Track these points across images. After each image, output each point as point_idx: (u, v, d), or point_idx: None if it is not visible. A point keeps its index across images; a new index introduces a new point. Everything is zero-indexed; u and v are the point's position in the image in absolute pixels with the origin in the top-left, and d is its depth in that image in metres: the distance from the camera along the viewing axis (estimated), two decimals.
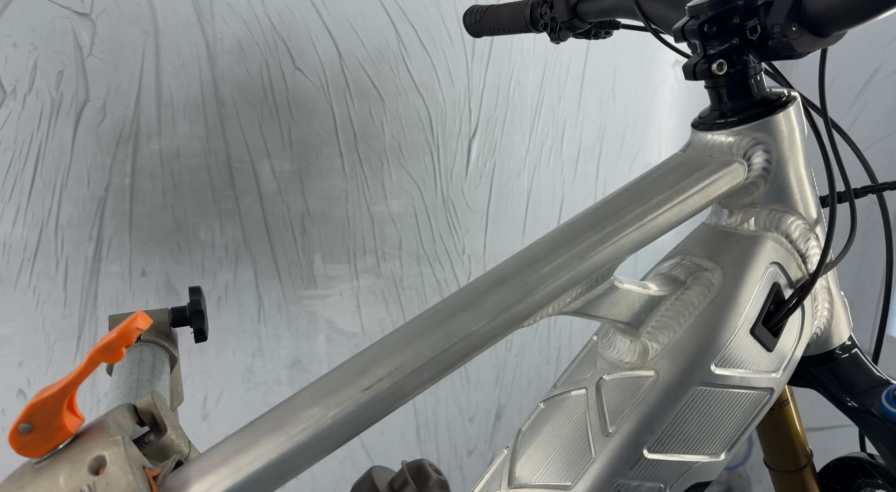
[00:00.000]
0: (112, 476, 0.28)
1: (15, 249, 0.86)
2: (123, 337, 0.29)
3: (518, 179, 1.13)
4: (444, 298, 0.35)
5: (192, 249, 0.96)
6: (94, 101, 0.85)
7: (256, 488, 0.30)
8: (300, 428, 0.30)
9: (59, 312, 0.90)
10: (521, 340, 1.20)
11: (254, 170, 0.96)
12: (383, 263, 1.08)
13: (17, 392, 0.90)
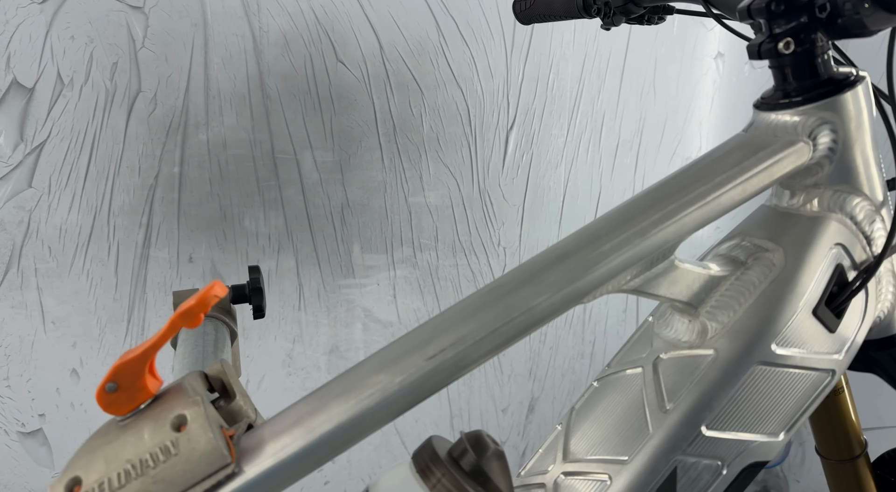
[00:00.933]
0: (193, 433, 0.30)
1: (70, 235, 0.90)
2: (202, 303, 0.31)
3: (555, 172, 1.13)
4: (500, 276, 0.36)
5: (237, 237, 0.98)
6: (145, 92, 0.88)
7: (328, 448, 0.31)
8: (368, 393, 0.32)
9: (110, 296, 0.94)
10: (555, 333, 1.20)
11: (296, 160, 0.99)
12: (420, 254, 1.09)
13: (70, 372, 0.94)
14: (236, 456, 0.30)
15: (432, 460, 0.32)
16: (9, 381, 0.92)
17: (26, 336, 0.91)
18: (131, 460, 0.29)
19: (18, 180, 0.86)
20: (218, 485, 0.29)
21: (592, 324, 1.22)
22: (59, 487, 0.29)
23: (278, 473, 0.30)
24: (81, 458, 0.30)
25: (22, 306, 0.90)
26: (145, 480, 0.29)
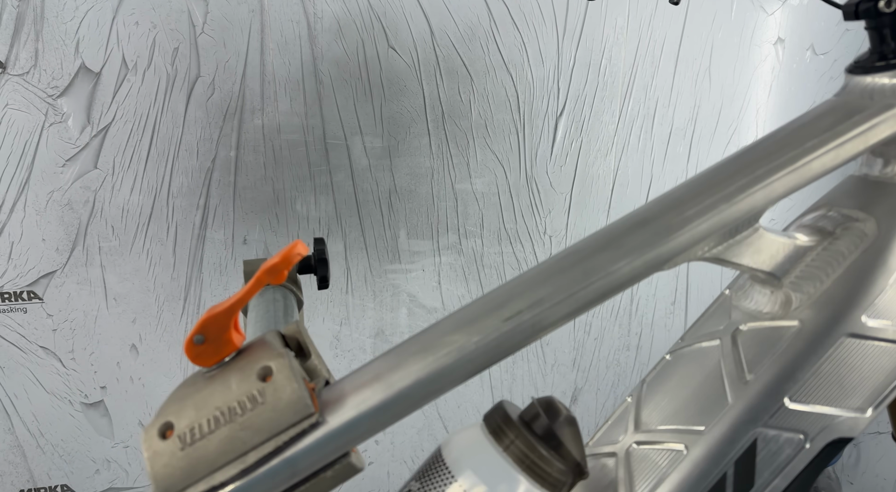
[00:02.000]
0: (278, 383, 0.31)
1: (132, 215, 0.94)
2: (286, 261, 0.32)
3: (605, 160, 1.11)
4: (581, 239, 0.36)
5: (289, 221, 1.01)
6: (204, 77, 0.91)
7: (406, 403, 0.32)
8: (445, 351, 0.32)
9: (168, 275, 0.97)
10: (600, 324, 1.19)
11: (347, 146, 1.00)
12: (465, 241, 1.09)
13: (130, 347, 0.98)
14: (319, 408, 0.31)
15: (505, 422, 0.32)
16: (73, 354, 0.96)
17: (90, 311, 0.95)
18: (220, 408, 0.30)
19: (85, 162, 0.90)
20: (302, 433, 0.30)
21: (639, 316, 1.20)
22: (153, 430, 0.31)
23: (359, 424, 0.31)
24: (172, 405, 0.32)
25: (87, 283, 0.94)
26: (233, 426, 0.30)
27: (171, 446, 0.30)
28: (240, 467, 0.29)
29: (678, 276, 1.20)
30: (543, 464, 0.31)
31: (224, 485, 0.29)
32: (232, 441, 0.30)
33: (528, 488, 0.30)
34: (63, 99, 0.87)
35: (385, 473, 1.15)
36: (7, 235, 0.89)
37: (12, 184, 0.88)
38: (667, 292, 1.21)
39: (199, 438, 0.30)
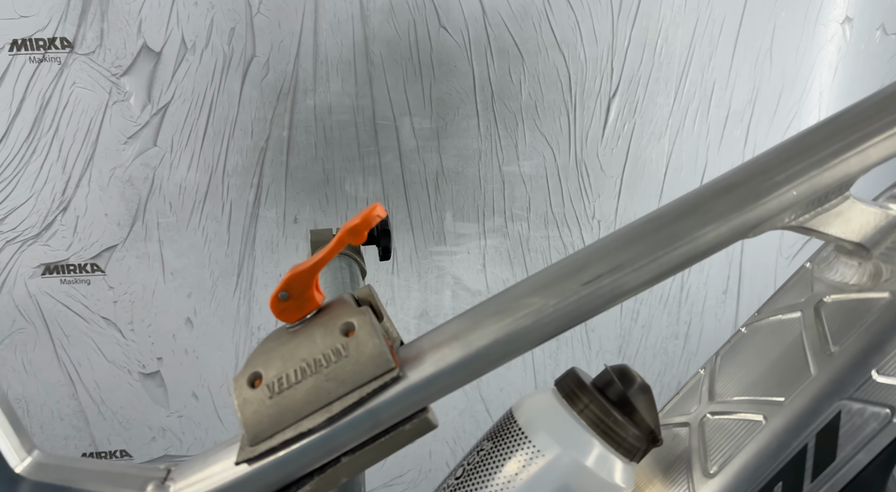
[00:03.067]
0: (361, 338, 0.32)
1: (189, 192, 0.97)
2: (366, 222, 0.33)
3: (658, 143, 1.08)
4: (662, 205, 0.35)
5: (338, 201, 1.02)
6: (259, 57, 0.92)
7: (484, 361, 0.32)
8: (523, 313, 0.32)
9: (222, 251, 1.00)
10: (648, 311, 1.16)
11: (396, 127, 1.00)
12: (511, 224, 1.09)
13: (185, 320, 1.02)
14: (398, 364, 0.32)
15: (578, 386, 0.32)
16: (133, 325, 1.00)
17: (148, 285, 0.99)
18: (305, 359, 0.32)
19: (145, 139, 0.93)
20: (384, 386, 0.31)
21: (689, 304, 1.17)
22: (242, 380, 0.32)
23: (438, 380, 0.32)
24: (259, 356, 0.33)
25: (145, 257, 0.97)
26: (319, 377, 0.31)
27: (259, 395, 0.31)
28: (326, 415, 0.31)
29: (731, 263, 1.17)
30: (618, 429, 0.30)
31: (312, 432, 0.31)
32: (318, 391, 0.31)
33: (603, 452, 0.30)
34: (126, 78, 0.90)
35: (427, 452, 1.17)
36: (73, 210, 0.93)
37: (78, 160, 0.92)
38: (719, 280, 1.18)
39: (287, 387, 0.31)
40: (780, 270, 1.20)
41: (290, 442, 0.31)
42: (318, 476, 0.32)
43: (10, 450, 0.29)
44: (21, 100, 0.88)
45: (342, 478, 0.32)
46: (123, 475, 0.32)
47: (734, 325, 1.19)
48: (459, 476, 0.32)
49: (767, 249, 1.17)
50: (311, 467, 0.32)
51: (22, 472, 0.30)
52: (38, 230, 0.93)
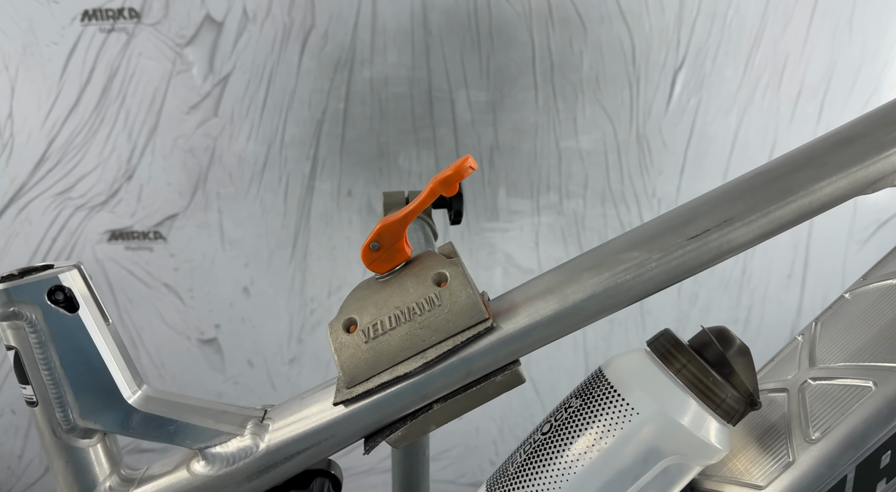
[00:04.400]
0: (454, 288, 0.32)
1: (248, 163, 0.98)
2: (458, 173, 0.33)
3: (725, 119, 1.04)
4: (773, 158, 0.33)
5: (392, 174, 1.02)
6: (318, 28, 0.92)
7: (580, 316, 0.32)
8: (623, 267, 0.32)
9: (279, 222, 1.01)
10: (707, 294, 1.12)
11: (451, 100, 0.99)
12: (566, 201, 1.06)
13: (242, 289, 1.04)
14: (491, 315, 0.32)
15: (675, 346, 0.31)
16: (192, 292, 1.03)
17: (207, 253, 1.01)
18: (399, 307, 0.32)
19: (206, 109, 0.94)
20: (477, 336, 0.31)
21: (751, 288, 1.13)
22: (337, 325, 0.33)
23: (532, 332, 0.32)
24: (352, 304, 0.34)
25: (205, 226, 1.00)
26: (413, 324, 0.32)
27: (355, 340, 0.32)
28: (421, 361, 0.31)
29: (797, 246, 1.11)
30: (717, 389, 0.29)
31: (407, 376, 0.31)
32: (412, 338, 0.31)
33: (700, 412, 0.29)
34: (189, 48, 0.91)
35: (474, 428, 1.16)
36: (137, 178, 0.96)
37: (143, 129, 0.94)
38: (783, 264, 1.12)
39: (382, 333, 0.32)
40: (850, 256, 1.14)
41: (386, 385, 0.31)
42: (411, 421, 0.32)
43: (123, 383, 0.31)
44: (91, 70, 0.90)
45: (432, 426, 0.32)
46: (224, 413, 0.33)
47: (798, 311, 1.14)
48: (546, 432, 0.31)
49: (837, 232, 1.11)
50: (405, 411, 0.32)
51: (133, 403, 0.31)
52: (105, 198, 0.96)
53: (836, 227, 1.11)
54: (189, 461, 0.32)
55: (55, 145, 0.92)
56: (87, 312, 0.30)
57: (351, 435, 0.32)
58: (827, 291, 1.14)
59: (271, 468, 0.32)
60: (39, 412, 0.30)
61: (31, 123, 0.91)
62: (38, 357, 0.29)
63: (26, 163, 0.92)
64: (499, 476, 0.33)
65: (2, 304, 0.29)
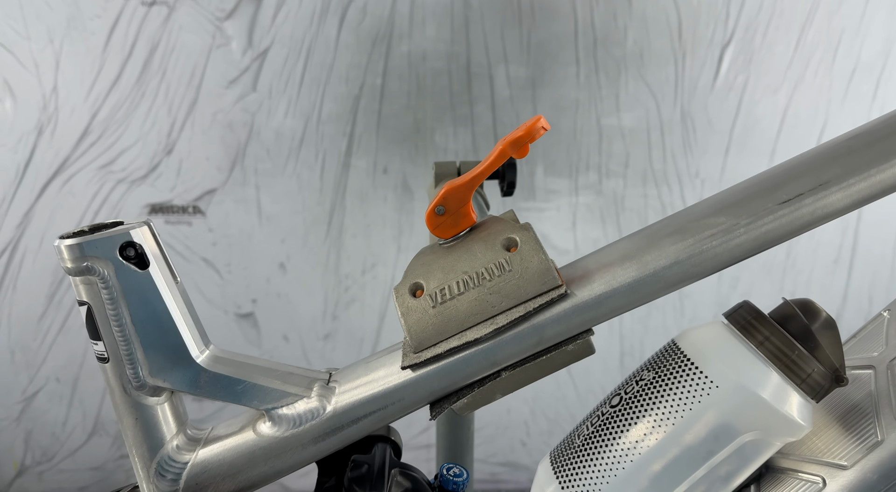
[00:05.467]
0: (525, 254, 0.31)
1: (285, 139, 0.98)
2: (530, 134, 0.31)
3: (773, 97, 1.00)
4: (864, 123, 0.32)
5: (427, 152, 1.01)
6: (356, 1, 0.91)
7: (661, 284, 0.31)
8: (708, 233, 0.30)
9: (315, 199, 1.01)
10: (749, 278, 1.09)
11: (490, 75, 0.97)
12: (606, 181, 1.04)
13: (279, 265, 1.05)
14: (564, 281, 0.31)
15: (757, 318, 0.29)
16: (230, 267, 1.04)
17: (245, 229, 1.02)
18: (468, 272, 0.32)
19: (245, 84, 0.94)
20: (550, 303, 0.30)
21: (795, 273, 1.09)
22: (403, 289, 0.33)
23: (609, 300, 0.31)
24: (417, 269, 0.33)
25: (243, 201, 1.00)
26: (482, 290, 0.31)
27: (422, 304, 0.31)
28: (491, 327, 0.30)
29: (845, 231, 1.07)
30: (803, 364, 0.28)
31: (477, 342, 0.31)
32: (481, 303, 0.31)
33: (783, 386, 0.28)
34: (228, 22, 0.91)
35: (505, 409, 1.16)
36: (177, 152, 0.96)
37: (182, 103, 0.94)
38: (830, 249, 1.09)
39: (449, 298, 0.31)
40: None
41: (455, 351, 0.31)
42: (478, 388, 0.31)
43: (191, 342, 0.31)
44: (133, 43, 0.90)
45: (497, 394, 0.32)
46: (291, 374, 0.33)
47: (843, 297, 1.11)
48: (616, 405, 0.31)
49: (889, 218, 1.07)
50: (472, 378, 0.31)
51: (202, 362, 0.31)
52: (145, 172, 0.97)
53: (888, 213, 1.06)
54: (255, 422, 0.32)
55: (98, 119, 0.93)
56: (157, 269, 0.30)
57: (417, 400, 0.32)
58: (875, 276, 1.10)
59: (337, 431, 0.31)
60: (110, 369, 0.31)
61: (75, 96, 0.92)
62: (110, 313, 0.29)
63: (70, 136, 0.94)
64: (564, 449, 0.32)
65: (75, 258, 0.29)
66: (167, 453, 0.31)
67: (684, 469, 0.28)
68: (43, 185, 0.96)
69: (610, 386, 1.15)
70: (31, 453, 1.09)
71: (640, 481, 0.29)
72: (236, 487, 0.31)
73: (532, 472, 1.20)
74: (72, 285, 0.30)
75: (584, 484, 0.30)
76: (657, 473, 0.28)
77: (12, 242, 0.98)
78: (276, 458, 0.31)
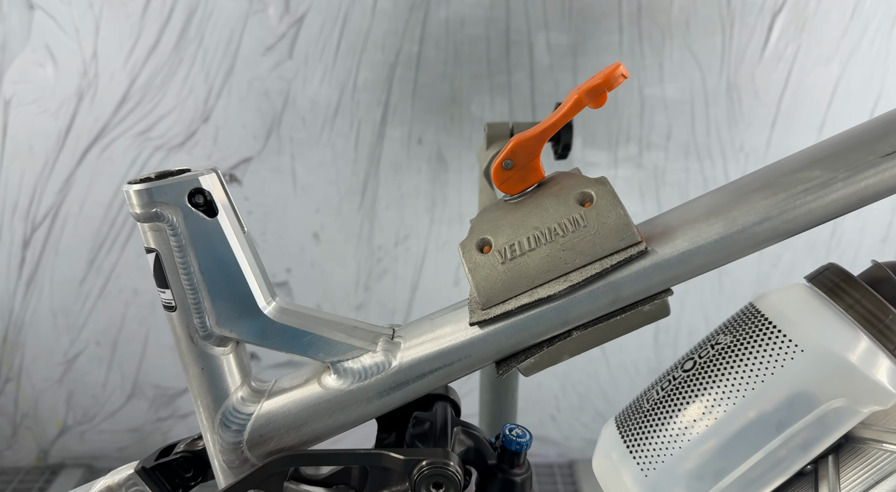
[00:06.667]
0: (602, 208, 0.30)
1: (320, 108, 0.97)
2: (608, 82, 0.30)
3: (826, 67, 0.96)
4: None
5: (463, 122, 0.99)
6: None
7: (749, 241, 0.29)
8: (802, 188, 0.29)
9: (349, 169, 1.01)
10: (791, 256, 1.06)
11: (529, 42, 0.95)
12: (646, 154, 1.01)
13: (313, 235, 1.05)
14: (643, 238, 0.30)
15: (845, 280, 0.28)
16: (265, 235, 1.04)
17: (280, 198, 1.02)
18: (539, 228, 0.31)
19: (281, 51, 0.93)
20: (628, 260, 0.29)
21: (840, 251, 1.06)
22: (470, 245, 0.32)
23: (693, 258, 0.29)
24: (483, 225, 0.32)
25: (278, 170, 1.00)
26: (554, 246, 0.30)
27: (491, 260, 0.31)
28: (566, 284, 0.29)
29: (895, 209, 1.04)
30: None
31: (550, 300, 0.30)
32: (553, 260, 0.30)
33: (873, 351, 0.26)
34: None
35: (536, 383, 1.16)
36: (214, 120, 0.96)
37: (219, 70, 0.94)
38: (878, 227, 1.05)
39: (520, 254, 0.30)
40: None
41: (526, 307, 0.30)
42: (546, 348, 0.31)
43: (258, 292, 0.31)
44: (171, 9, 0.90)
45: (565, 355, 0.31)
46: (356, 328, 0.32)
47: None
48: (689, 369, 0.29)
49: None
50: (542, 337, 0.31)
51: (268, 313, 0.31)
52: (183, 139, 0.97)
53: None
54: (320, 375, 0.32)
55: (136, 85, 0.94)
56: (226, 217, 0.30)
57: (484, 357, 0.31)
58: None
59: (402, 386, 0.31)
60: (177, 317, 0.30)
61: (115, 62, 0.92)
62: (178, 261, 0.29)
63: (110, 102, 0.94)
64: (631, 413, 0.31)
65: (143, 204, 0.28)
66: (232, 404, 0.31)
67: (762, 436, 0.27)
68: (83, 151, 0.97)
69: (643, 364, 1.13)
70: (72, 413, 1.13)
71: (713, 447, 0.28)
72: (300, 439, 0.31)
73: (561, 446, 1.20)
74: (140, 232, 0.30)
75: (653, 449, 0.29)
76: (732, 439, 0.27)
77: (54, 207, 0.99)
78: (341, 411, 0.31)
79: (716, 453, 0.27)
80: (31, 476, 1.12)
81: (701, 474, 0.28)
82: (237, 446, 0.31)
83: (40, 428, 1.13)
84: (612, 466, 0.30)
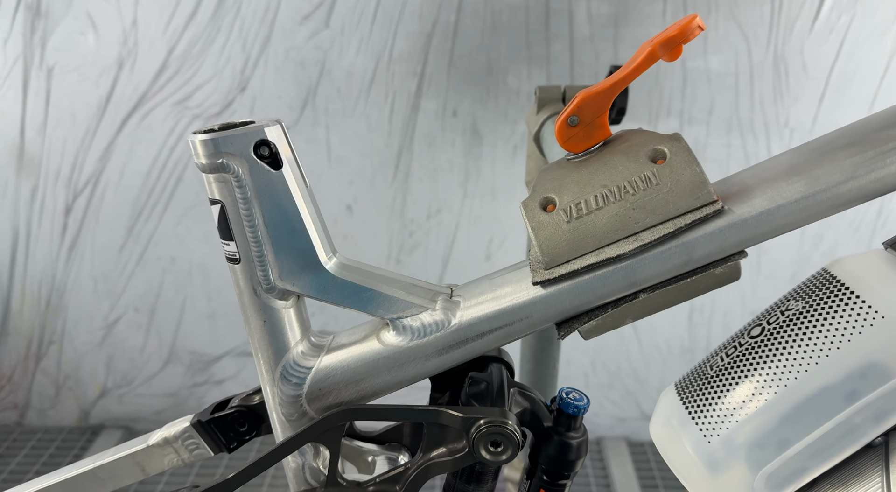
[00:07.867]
0: (675, 166, 0.29)
1: (355, 78, 0.96)
2: (684, 34, 0.29)
3: (879, 40, 0.92)
4: None
5: (499, 95, 0.98)
6: None
7: (832, 202, 0.28)
8: (893, 145, 0.28)
9: (383, 141, 1.00)
10: (833, 236, 1.03)
11: (570, 12, 0.92)
12: (687, 128, 0.99)
13: (346, 207, 1.05)
14: (719, 197, 0.29)
15: None
16: None
17: (314, 169, 1.02)
18: (607, 186, 0.30)
19: (318, 20, 0.93)
20: (703, 219, 0.28)
21: (886, 232, 1.03)
22: (533, 204, 0.31)
23: (772, 218, 0.28)
24: (546, 183, 0.31)
25: (313, 141, 1.00)
26: (623, 204, 0.29)
27: (555, 219, 0.30)
28: (636, 243, 0.29)
29: None
30: None
31: (619, 259, 0.29)
32: (622, 219, 0.29)
33: None
34: None
35: (566, 360, 1.15)
36: (250, 90, 0.97)
37: (256, 40, 0.94)
38: None
39: (586, 213, 0.29)
40: None
41: (592, 267, 0.29)
42: (610, 310, 0.30)
43: (320, 247, 0.31)
44: None
45: (629, 318, 0.30)
46: (414, 286, 0.32)
47: None
48: (756, 335, 0.29)
49: None
50: (607, 298, 0.30)
51: (330, 269, 0.31)
52: (220, 109, 0.98)
53: None
54: (379, 331, 0.32)
55: (175, 54, 0.94)
56: (290, 171, 0.30)
57: (546, 318, 0.31)
58: None
59: (461, 345, 0.31)
60: (241, 270, 0.31)
61: (154, 30, 0.93)
62: (243, 213, 0.29)
63: (148, 71, 0.95)
64: (694, 379, 0.31)
65: (209, 154, 0.28)
66: (292, 358, 0.32)
67: (832, 406, 0.26)
68: (123, 119, 0.98)
69: (676, 343, 1.12)
70: (111, 376, 1.16)
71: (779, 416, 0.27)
72: (358, 394, 0.32)
73: (590, 423, 1.19)
74: (204, 184, 0.30)
75: (716, 416, 0.28)
76: (800, 408, 0.27)
77: (95, 175, 1.01)
78: (399, 368, 0.31)
79: (782, 423, 0.27)
80: (72, 435, 1.16)
81: (764, 444, 0.27)
82: (296, 399, 0.31)
83: (81, 390, 1.16)
84: (672, 432, 0.30)
